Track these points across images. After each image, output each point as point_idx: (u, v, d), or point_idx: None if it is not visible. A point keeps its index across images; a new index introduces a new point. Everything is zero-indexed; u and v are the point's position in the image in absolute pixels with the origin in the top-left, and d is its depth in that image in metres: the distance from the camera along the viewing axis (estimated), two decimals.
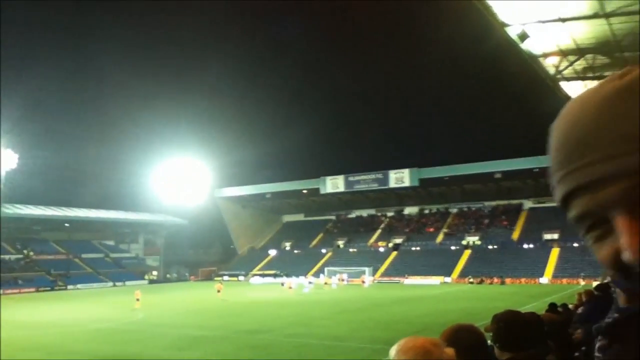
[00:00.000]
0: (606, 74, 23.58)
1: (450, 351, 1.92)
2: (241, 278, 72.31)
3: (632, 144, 0.54)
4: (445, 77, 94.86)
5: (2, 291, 56.79)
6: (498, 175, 66.93)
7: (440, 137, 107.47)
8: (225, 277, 72.17)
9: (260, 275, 70.40)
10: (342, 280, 59.63)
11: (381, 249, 72.42)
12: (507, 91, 77.79)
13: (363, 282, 58.75)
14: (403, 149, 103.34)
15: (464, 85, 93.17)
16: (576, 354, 4.68)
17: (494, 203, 75.00)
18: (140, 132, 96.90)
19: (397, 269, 64.76)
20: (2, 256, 65.14)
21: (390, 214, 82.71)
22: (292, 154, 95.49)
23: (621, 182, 0.54)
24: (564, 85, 25.04)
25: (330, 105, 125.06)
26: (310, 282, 55.82)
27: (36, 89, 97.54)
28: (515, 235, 67.31)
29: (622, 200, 0.55)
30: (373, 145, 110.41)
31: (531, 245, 62.45)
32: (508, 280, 56.19)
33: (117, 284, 67.19)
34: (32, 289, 59.20)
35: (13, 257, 66.30)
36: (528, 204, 71.03)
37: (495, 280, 56.80)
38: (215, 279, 70.87)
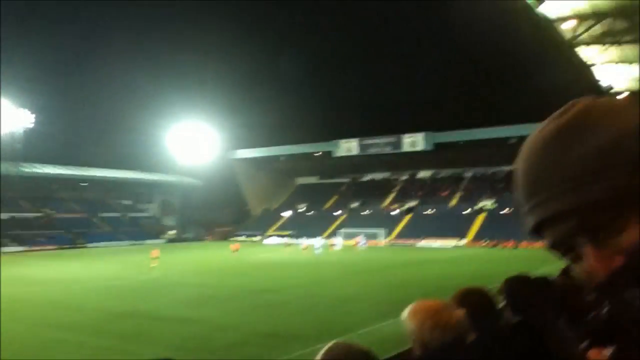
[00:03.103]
0: (625, 38, 23.01)
1: (459, 313, 1.98)
2: (256, 238, 73.13)
3: (571, 184, 0.62)
4: (459, 40, 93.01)
5: (25, 248, 58.25)
6: (513, 140, 66.24)
7: (455, 101, 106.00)
8: (241, 237, 73.09)
9: (277, 235, 71.14)
10: (360, 243, 58.10)
11: (395, 212, 72.64)
12: (522, 56, 76.09)
13: (357, 243, 56.07)
14: (417, 112, 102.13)
15: (477, 49, 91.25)
16: (589, 316, 4.73)
17: (509, 167, 74.41)
18: (155, 93, 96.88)
19: (411, 232, 65.05)
20: (23, 214, 66.59)
21: (404, 177, 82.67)
22: (305, 117, 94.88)
23: (570, 219, 0.63)
24: (580, 50, 24.51)
25: (344, 67, 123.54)
26: (334, 244, 55.27)
27: (51, 49, 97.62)
28: None
29: (578, 232, 0.63)
30: (387, 108, 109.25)
31: None
32: (523, 244, 56.24)
33: (135, 242, 68.47)
34: (54, 246, 60.57)
35: (34, 215, 67.61)
36: None
37: (510, 243, 56.90)
38: (231, 239, 71.88)
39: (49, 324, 16.86)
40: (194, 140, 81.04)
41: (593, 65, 26.36)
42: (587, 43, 23.51)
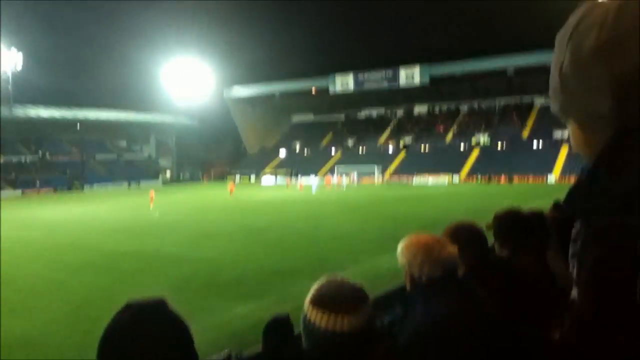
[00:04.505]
0: None
1: (453, 249, 2.02)
2: (252, 177, 73.55)
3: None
4: None
5: (21, 191, 58.53)
6: (510, 71, 65.48)
7: (452, 31, 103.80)
8: (237, 177, 73.44)
9: (272, 174, 71.50)
10: (352, 180, 60.09)
11: (390, 148, 72.72)
12: None
13: (339, 182, 57.72)
14: (413, 43, 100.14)
15: None
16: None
17: (505, 100, 74.02)
18: (148, 29, 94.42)
19: (406, 169, 65.39)
20: (18, 157, 66.42)
21: (399, 112, 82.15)
22: (300, 51, 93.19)
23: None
24: None
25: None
26: (330, 183, 56.13)
27: None
28: (525, 133, 67.02)
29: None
30: (382, 40, 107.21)
31: (541, 143, 62.33)
32: (516, 179, 56.75)
33: (132, 183, 68.72)
34: (50, 189, 60.77)
35: (29, 158, 67.43)
36: (540, 100, 69.92)
37: (503, 178, 57.40)
38: (228, 176, 72.22)
39: (50, 266, 17.17)
40: (188, 78, 79.78)
41: None
42: None
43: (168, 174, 79.01)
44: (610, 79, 0.71)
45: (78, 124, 72.72)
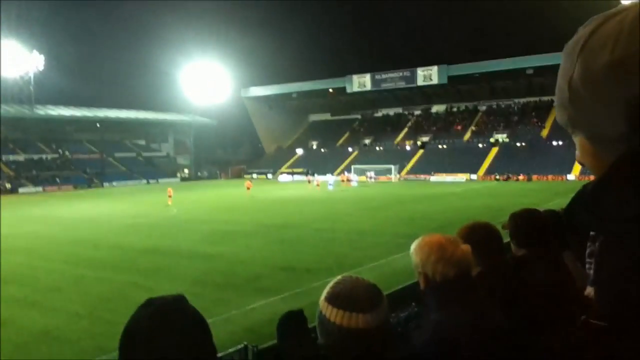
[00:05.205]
0: None
1: (466, 248, 2.02)
2: (269, 176, 73.79)
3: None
4: None
5: (42, 188, 59.44)
6: (530, 72, 64.77)
7: (470, 32, 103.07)
8: (254, 175, 73.73)
9: (289, 173, 71.66)
10: (370, 178, 60.14)
11: (408, 148, 72.42)
12: None
13: (348, 180, 57.75)
14: (431, 44, 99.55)
15: None
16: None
17: (524, 100, 73.26)
18: (168, 33, 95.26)
19: (423, 167, 65.07)
20: (39, 155, 67.50)
21: (417, 112, 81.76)
22: (318, 52, 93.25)
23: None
24: None
25: (356, 1, 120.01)
26: (350, 180, 56.30)
27: None
28: (545, 132, 66.26)
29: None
30: (400, 42, 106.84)
31: (560, 143, 61.56)
32: (535, 177, 56.17)
33: (150, 181, 69.40)
34: (70, 186, 61.65)
35: (50, 156, 68.47)
36: None
37: (522, 177, 56.84)
38: (245, 176, 72.59)
39: (70, 261, 17.42)
40: (207, 80, 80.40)
41: None
42: None
43: (186, 172, 79.66)
44: (624, 102, 0.66)
45: (98, 123, 73.71)
